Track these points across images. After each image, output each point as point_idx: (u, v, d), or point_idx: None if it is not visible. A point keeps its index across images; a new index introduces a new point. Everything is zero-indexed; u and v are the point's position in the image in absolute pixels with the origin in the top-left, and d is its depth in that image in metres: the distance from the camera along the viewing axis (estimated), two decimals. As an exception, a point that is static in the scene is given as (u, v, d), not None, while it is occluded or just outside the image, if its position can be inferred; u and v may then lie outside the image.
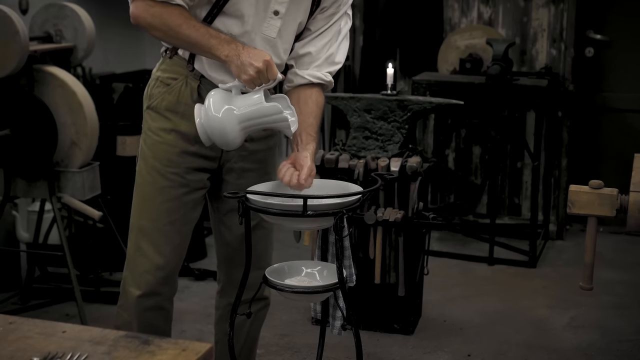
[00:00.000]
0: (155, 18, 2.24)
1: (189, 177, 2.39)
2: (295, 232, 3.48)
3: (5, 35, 3.41)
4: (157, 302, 2.45)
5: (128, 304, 2.44)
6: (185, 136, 2.37)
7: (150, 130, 2.40)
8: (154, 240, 2.40)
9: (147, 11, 2.23)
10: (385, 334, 3.66)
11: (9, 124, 3.55)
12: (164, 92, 2.37)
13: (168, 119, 2.37)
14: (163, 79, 2.39)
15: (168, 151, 2.37)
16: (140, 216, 2.42)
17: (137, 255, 2.42)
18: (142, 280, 2.41)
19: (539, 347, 3.57)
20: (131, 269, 2.44)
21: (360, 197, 2.29)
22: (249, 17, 2.27)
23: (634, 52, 5.04)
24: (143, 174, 2.41)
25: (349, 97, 3.69)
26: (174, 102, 2.36)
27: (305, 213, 2.17)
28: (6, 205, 3.75)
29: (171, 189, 2.38)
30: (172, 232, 2.42)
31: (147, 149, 2.40)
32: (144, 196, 2.41)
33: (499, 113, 4.67)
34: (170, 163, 2.37)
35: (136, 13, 2.26)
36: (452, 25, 5.13)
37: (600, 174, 4.86)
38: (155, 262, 2.40)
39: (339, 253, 2.28)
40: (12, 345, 1.49)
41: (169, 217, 2.40)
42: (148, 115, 2.42)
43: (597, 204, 2.28)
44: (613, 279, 4.31)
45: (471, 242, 4.89)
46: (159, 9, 2.22)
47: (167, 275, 2.44)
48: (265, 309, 2.66)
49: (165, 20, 2.23)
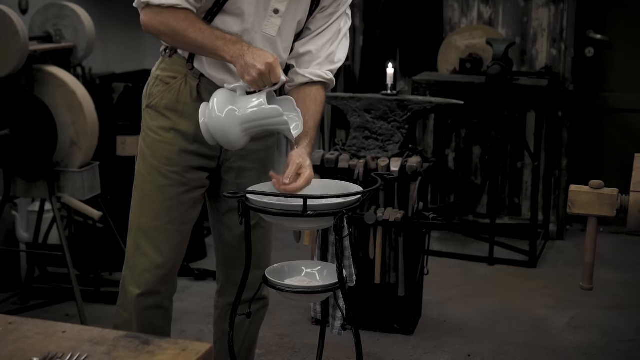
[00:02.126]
0: (162, 24, 2.25)
1: (188, 176, 2.39)
2: (295, 232, 3.48)
3: (5, 35, 3.41)
4: (157, 301, 2.45)
5: (128, 303, 2.44)
6: (185, 135, 2.37)
7: (149, 129, 2.41)
8: (154, 238, 2.40)
9: (155, 18, 2.25)
10: (385, 334, 3.66)
11: (9, 124, 3.55)
12: (164, 91, 2.38)
13: (167, 118, 2.38)
14: (162, 77, 2.39)
15: (167, 150, 2.38)
16: (140, 215, 2.42)
17: (137, 254, 2.42)
18: (142, 279, 2.41)
19: (539, 347, 3.57)
20: (131, 267, 2.44)
21: (360, 197, 2.29)
22: (249, 15, 2.28)
23: (634, 52, 5.04)
24: (142, 172, 2.42)
25: (349, 97, 3.69)
26: (174, 101, 2.37)
27: (305, 213, 2.17)
28: (6, 205, 3.76)
29: (170, 187, 2.38)
30: (172, 230, 2.42)
31: (147, 147, 2.41)
32: (144, 195, 2.41)
33: (499, 113, 4.67)
34: (169, 162, 2.37)
35: (145, 21, 2.28)
36: (452, 25, 5.13)
37: (600, 174, 4.86)
38: (154, 261, 2.41)
39: (339, 253, 2.28)
40: (12, 345, 1.49)
41: (168, 215, 2.40)
42: (147, 114, 2.42)
43: (597, 204, 2.28)
44: (613, 279, 4.31)
45: (471, 242, 4.89)
46: (166, 15, 2.24)
47: (167, 274, 2.44)
48: (265, 308, 2.66)
49: (172, 25, 2.24)
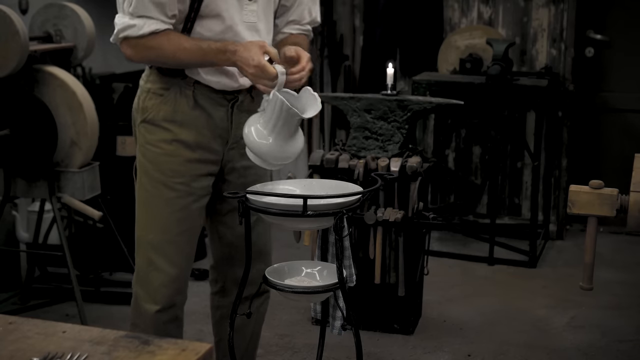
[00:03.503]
0: (147, 53, 2.25)
1: (194, 185, 2.38)
2: (295, 232, 3.48)
3: (5, 35, 3.41)
4: (174, 313, 2.46)
5: (144, 320, 2.42)
6: (187, 144, 2.35)
7: (149, 143, 2.37)
8: (167, 252, 2.39)
9: (138, 51, 2.25)
10: (385, 334, 3.66)
11: (9, 124, 3.55)
12: (159, 103, 2.34)
13: (167, 130, 2.35)
14: (155, 90, 2.36)
15: (171, 162, 2.35)
16: (149, 230, 2.39)
17: (150, 270, 2.40)
18: (159, 294, 2.40)
19: (539, 347, 3.57)
20: (144, 284, 2.42)
21: (360, 197, 2.29)
22: (226, 12, 2.27)
23: (634, 52, 5.04)
24: (147, 187, 2.39)
25: (349, 97, 3.69)
26: (171, 112, 2.33)
27: (305, 213, 2.17)
28: (6, 205, 3.75)
29: (179, 199, 2.37)
30: (183, 242, 2.42)
31: (148, 162, 2.37)
32: (150, 210, 2.39)
33: (499, 113, 4.67)
34: (175, 173, 2.36)
35: (129, 54, 2.27)
36: (452, 25, 5.13)
37: (600, 174, 4.86)
38: (170, 274, 2.40)
39: (339, 253, 2.28)
40: (12, 345, 1.49)
41: (179, 227, 2.39)
42: (144, 128, 2.38)
43: (597, 204, 2.28)
44: (613, 279, 4.31)
45: (471, 242, 4.89)
46: (144, 44, 2.22)
47: (181, 284, 2.45)
48: (266, 302, 2.66)
49: (157, 52, 2.24)
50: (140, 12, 2.20)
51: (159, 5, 2.20)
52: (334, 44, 5.29)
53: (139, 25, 2.21)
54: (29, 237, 4.09)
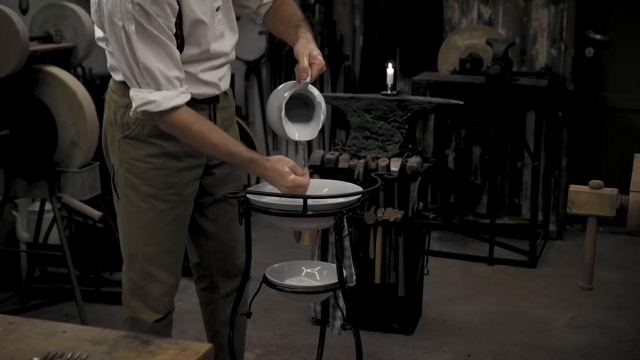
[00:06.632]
0: (169, 129, 2.25)
1: (185, 193, 2.39)
2: (295, 232, 3.48)
3: (5, 35, 3.41)
4: (170, 318, 2.48)
5: (142, 330, 2.40)
6: (174, 155, 2.34)
7: (134, 159, 2.34)
8: (164, 263, 2.40)
9: (160, 123, 2.26)
10: (385, 334, 3.66)
11: (9, 124, 3.55)
12: (142, 119, 2.29)
13: (154, 144, 2.32)
14: None
15: (162, 175, 2.34)
16: (145, 244, 2.38)
17: (148, 283, 2.40)
18: (161, 304, 2.41)
19: (539, 347, 3.57)
20: (141, 297, 2.41)
21: (360, 197, 2.30)
22: (203, 38, 2.27)
23: (634, 52, 5.04)
24: (137, 203, 2.36)
25: (349, 97, 3.69)
26: (156, 127, 2.28)
27: (305, 213, 2.18)
28: (6, 205, 3.76)
29: (172, 209, 2.37)
30: (179, 250, 2.44)
31: (136, 177, 2.34)
32: (144, 224, 2.37)
33: (499, 113, 4.67)
34: (166, 186, 2.35)
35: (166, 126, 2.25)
36: (452, 25, 5.13)
37: (600, 174, 4.86)
38: (169, 283, 2.42)
39: (339, 253, 2.28)
40: (12, 345, 1.49)
41: (175, 236, 2.40)
42: (126, 144, 2.33)
43: (597, 204, 2.28)
44: (613, 279, 4.31)
45: (471, 242, 4.89)
46: (165, 120, 2.22)
47: (176, 289, 2.49)
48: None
49: (178, 132, 2.24)
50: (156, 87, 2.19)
51: (168, 79, 2.19)
52: (334, 44, 5.29)
53: (158, 102, 2.17)
54: (29, 237, 4.09)
